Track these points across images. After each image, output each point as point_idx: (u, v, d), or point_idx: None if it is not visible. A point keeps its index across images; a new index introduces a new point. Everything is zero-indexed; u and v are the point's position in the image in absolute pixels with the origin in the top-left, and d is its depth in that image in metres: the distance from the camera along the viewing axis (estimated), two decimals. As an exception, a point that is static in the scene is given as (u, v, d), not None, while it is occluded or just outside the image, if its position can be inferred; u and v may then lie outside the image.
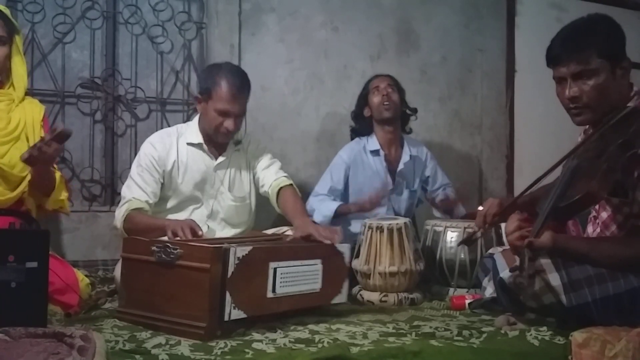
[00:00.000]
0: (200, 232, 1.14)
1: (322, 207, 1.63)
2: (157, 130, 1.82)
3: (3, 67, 1.26)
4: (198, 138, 1.38)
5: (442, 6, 2.15)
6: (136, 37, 1.84)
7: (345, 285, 1.22)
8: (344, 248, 1.21)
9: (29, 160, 1.11)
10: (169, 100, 1.89)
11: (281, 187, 1.40)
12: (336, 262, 1.19)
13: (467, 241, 1.23)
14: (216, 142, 1.38)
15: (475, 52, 2.21)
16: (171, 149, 1.36)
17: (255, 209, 1.48)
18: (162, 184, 1.36)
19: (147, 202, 1.30)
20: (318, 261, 1.15)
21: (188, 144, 1.38)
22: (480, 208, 1.19)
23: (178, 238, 1.12)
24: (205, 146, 1.38)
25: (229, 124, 1.33)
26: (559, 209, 0.95)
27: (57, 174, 1.27)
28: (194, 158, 1.37)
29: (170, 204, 1.37)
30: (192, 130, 1.39)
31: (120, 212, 1.28)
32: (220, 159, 1.39)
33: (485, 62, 2.22)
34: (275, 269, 1.07)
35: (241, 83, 1.34)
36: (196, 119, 1.42)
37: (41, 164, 1.14)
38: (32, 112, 1.29)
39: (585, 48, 1.00)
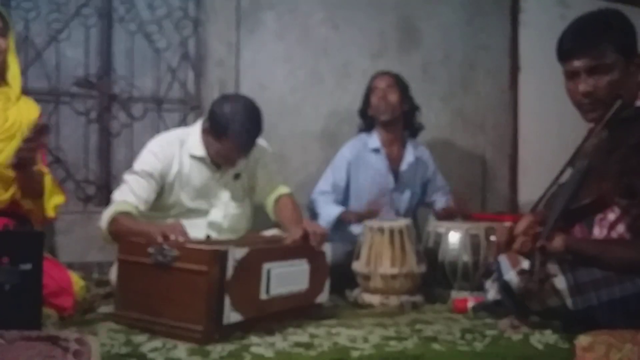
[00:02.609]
0: (187, 237, 1.09)
1: (324, 212, 1.62)
2: (152, 130, 1.82)
3: (5, 61, 1.24)
4: (201, 151, 1.33)
5: (444, 3, 2.13)
6: (132, 35, 1.82)
7: (327, 284, 1.22)
8: (325, 247, 1.21)
9: (18, 165, 1.09)
10: (166, 99, 1.87)
11: (280, 195, 1.38)
12: (319, 261, 1.19)
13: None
14: None
15: (479, 49, 2.19)
16: (173, 161, 1.32)
17: (252, 210, 1.47)
18: (162, 194, 1.32)
19: (136, 207, 1.25)
20: (304, 261, 1.15)
21: (191, 156, 1.34)
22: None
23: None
24: (208, 159, 1.34)
25: (230, 163, 1.32)
26: (570, 212, 0.93)
27: (47, 177, 1.24)
28: (196, 170, 1.34)
29: (172, 213, 1.34)
30: (195, 141, 1.34)
31: (107, 214, 1.24)
32: (223, 170, 1.36)
33: (489, 60, 2.20)
34: (269, 270, 1.06)
35: (252, 137, 1.27)
36: (198, 128, 1.36)
37: (28, 164, 1.12)
38: (28, 112, 1.28)
39: (600, 42, 0.98)
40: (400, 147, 1.75)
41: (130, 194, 1.26)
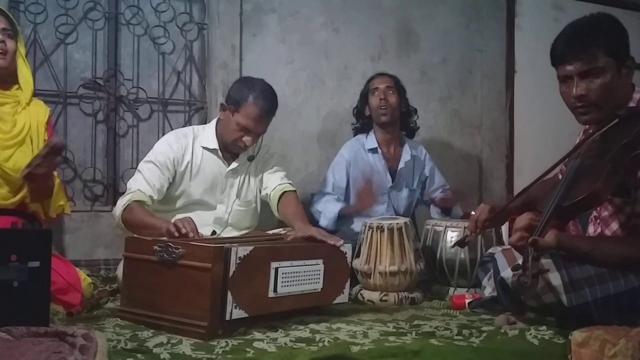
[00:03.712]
0: (196, 233, 1.12)
1: (326, 210, 1.63)
2: (158, 130, 1.86)
3: (12, 62, 1.26)
4: (214, 143, 1.37)
5: (442, 7, 2.15)
6: (138, 38, 1.85)
7: (347, 285, 1.22)
8: (347, 248, 1.21)
9: (28, 177, 1.11)
10: (171, 100, 1.90)
11: (284, 192, 1.40)
12: (338, 262, 1.19)
13: (461, 243, 1.26)
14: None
15: (475, 52, 2.22)
16: (187, 150, 1.36)
17: (260, 211, 1.49)
18: (172, 184, 1.35)
19: (151, 197, 1.28)
20: (320, 261, 1.15)
21: (203, 147, 1.37)
22: (473, 213, 1.22)
23: (181, 233, 1.11)
24: (220, 152, 1.38)
25: (247, 139, 1.34)
26: (562, 209, 0.94)
27: (56, 181, 1.26)
28: (207, 162, 1.37)
29: (177, 204, 1.37)
30: (208, 134, 1.39)
31: (122, 202, 1.26)
32: (233, 165, 1.39)
33: (485, 63, 2.22)
34: (276, 269, 1.07)
35: (271, 106, 1.34)
36: (213, 122, 1.41)
37: (40, 179, 1.14)
38: (37, 115, 1.29)
39: (592, 46, 1.00)
40: (398, 147, 1.77)
41: (145, 183, 1.28)
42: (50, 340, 0.82)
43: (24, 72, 1.30)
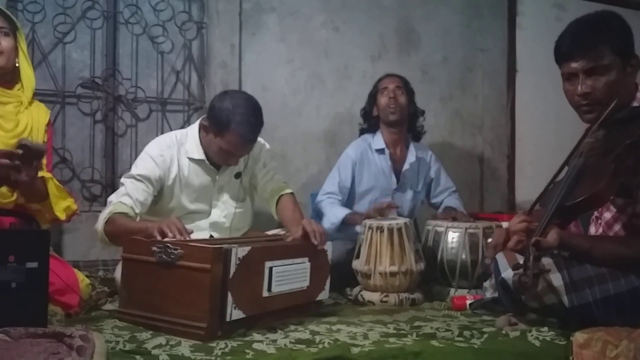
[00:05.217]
0: (186, 234, 1.09)
1: (330, 214, 1.62)
2: (156, 130, 1.85)
3: (10, 61, 1.24)
4: (199, 154, 1.32)
5: (443, 6, 2.15)
6: (137, 37, 1.84)
7: (328, 281, 1.23)
8: (327, 245, 1.22)
9: (15, 184, 1.06)
10: (170, 100, 1.89)
11: (281, 195, 1.39)
12: (320, 259, 1.21)
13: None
14: None
15: (477, 51, 2.21)
16: (172, 164, 1.31)
17: (253, 208, 1.48)
18: (162, 198, 1.32)
19: (132, 209, 1.23)
20: (306, 259, 1.16)
21: (189, 158, 1.33)
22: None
23: (167, 238, 1.08)
24: (206, 162, 1.33)
25: (232, 161, 1.31)
26: (564, 208, 0.94)
27: (52, 182, 1.21)
28: (196, 172, 1.33)
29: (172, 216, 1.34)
30: (192, 144, 1.33)
31: (103, 214, 1.22)
32: (222, 170, 1.36)
33: (487, 62, 2.22)
34: (270, 268, 1.07)
35: (254, 133, 1.26)
36: (196, 129, 1.34)
37: (27, 184, 1.07)
38: (39, 117, 1.28)
39: (598, 43, 0.99)
40: (404, 148, 1.76)
41: (126, 196, 1.25)
42: (48, 342, 0.81)
43: (26, 68, 1.28)
